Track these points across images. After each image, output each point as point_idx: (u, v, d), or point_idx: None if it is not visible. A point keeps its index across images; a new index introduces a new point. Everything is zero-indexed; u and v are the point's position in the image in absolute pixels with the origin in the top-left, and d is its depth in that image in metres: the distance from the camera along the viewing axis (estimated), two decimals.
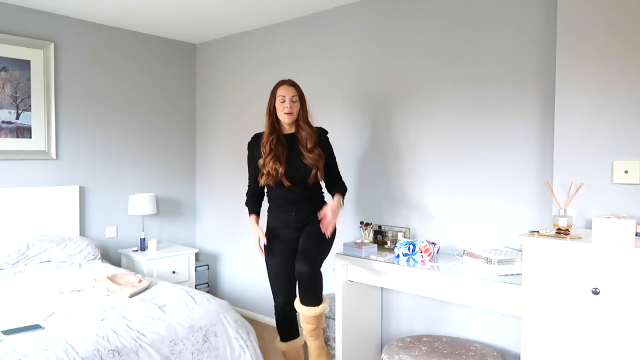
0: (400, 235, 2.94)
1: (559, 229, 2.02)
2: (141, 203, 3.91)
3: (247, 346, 2.53)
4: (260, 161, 2.55)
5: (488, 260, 2.37)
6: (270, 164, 2.50)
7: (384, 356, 2.54)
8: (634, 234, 1.96)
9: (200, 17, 3.74)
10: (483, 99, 2.76)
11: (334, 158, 2.71)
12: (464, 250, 2.60)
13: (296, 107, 2.55)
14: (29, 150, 3.54)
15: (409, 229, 3.03)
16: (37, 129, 3.57)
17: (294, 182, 2.54)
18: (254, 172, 2.64)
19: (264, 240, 2.56)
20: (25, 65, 3.50)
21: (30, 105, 3.53)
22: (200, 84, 4.54)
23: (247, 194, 2.72)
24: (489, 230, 2.75)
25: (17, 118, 3.49)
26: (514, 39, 2.64)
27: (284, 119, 2.54)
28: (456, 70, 2.85)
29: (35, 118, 3.56)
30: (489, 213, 2.75)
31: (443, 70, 2.91)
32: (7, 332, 2.09)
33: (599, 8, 2.17)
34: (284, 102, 2.52)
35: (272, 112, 2.58)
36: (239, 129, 4.17)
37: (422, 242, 2.71)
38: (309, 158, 2.53)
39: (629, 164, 2.10)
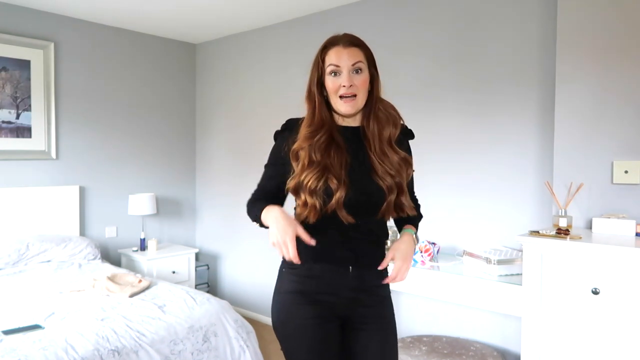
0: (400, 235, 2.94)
1: (559, 229, 2.02)
2: (141, 203, 3.91)
3: (247, 346, 2.53)
4: (291, 183, 1.40)
5: (488, 260, 2.37)
6: (312, 182, 1.35)
7: None
8: (634, 234, 1.96)
9: (200, 17, 3.74)
10: (483, 98, 2.75)
11: (412, 174, 1.56)
12: (464, 250, 2.60)
13: (362, 82, 1.40)
14: (29, 150, 3.54)
15: None
16: (37, 129, 3.57)
17: (359, 216, 1.39)
18: (275, 178, 1.48)
19: (307, 238, 1.31)
20: (25, 65, 3.50)
21: (30, 105, 3.53)
22: (200, 84, 4.54)
23: (254, 199, 1.50)
24: (489, 230, 2.75)
25: (17, 118, 3.48)
26: (514, 39, 2.64)
27: (341, 108, 1.40)
28: (456, 70, 2.85)
29: (35, 118, 3.56)
30: (489, 213, 2.75)
31: (443, 70, 2.91)
32: (7, 332, 2.09)
33: (599, 8, 2.17)
34: (337, 75, 1.39)
35: (318, 94, 1.43)
36: (239, 128, 4.17)
37: (422, 242, 2.71)
38: (384, 173, 1.40)
39: (629, 164, 2.10)
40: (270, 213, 1.35)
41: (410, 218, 1.53)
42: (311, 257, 1.40)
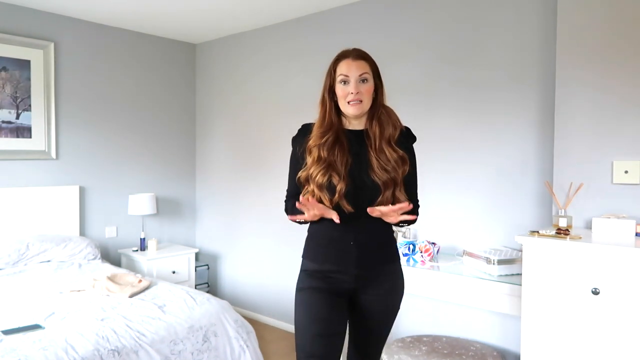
0: (400, 235, 2.94)
1: (559, 229, 2.02)
2: (141, 203, 3.91)
3: (247, 346, 2.53)
4: (302, 173, 1.66)
5: (488, 260, 2.37)
6: (319, 177, 1.60)
7: (384, 356, 2.54)
8: (634, 234, 1.96)
9: (200, 17, 3.74)
10: (483, 98, 2.75)
11: (415, 174, 1.76)
12: (464, 250, 2.60)
13: (367, 90, 1.64)
14: (29, 150, 3.54)
15: (409, 229, 3.03)
16: (37, 129, 3.57)
17: (359, 208, 1.60)
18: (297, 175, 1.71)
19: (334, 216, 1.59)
20: (25, 65, 3.50)
21: (30, 105, 3.53)
22: (200, 84, 4.54)
23: (287, 200, 1.78)
24: (489, 230, 2.75)
25: (17, 118, 3.48)
26: (514, 40, 2.64)
27: (349, 110, 1.64)
28: (456, 71, 2.85)
29: (35, 118, 3.56)
30: (489, 213, 2.75)
31: (443, 71, 2.91)
32: (7, 332, 2.09)
33: (599, 9, 2.17)
34: (346, 84, 1.64)
35: (329, 100, 1.68)
36: (239, 128, 4.17)
37: (422, 242, 2.71)
38: (380, 169, 1.61)
39: (629, 164, 2.10)
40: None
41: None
42: (322, 244, 1.68)
